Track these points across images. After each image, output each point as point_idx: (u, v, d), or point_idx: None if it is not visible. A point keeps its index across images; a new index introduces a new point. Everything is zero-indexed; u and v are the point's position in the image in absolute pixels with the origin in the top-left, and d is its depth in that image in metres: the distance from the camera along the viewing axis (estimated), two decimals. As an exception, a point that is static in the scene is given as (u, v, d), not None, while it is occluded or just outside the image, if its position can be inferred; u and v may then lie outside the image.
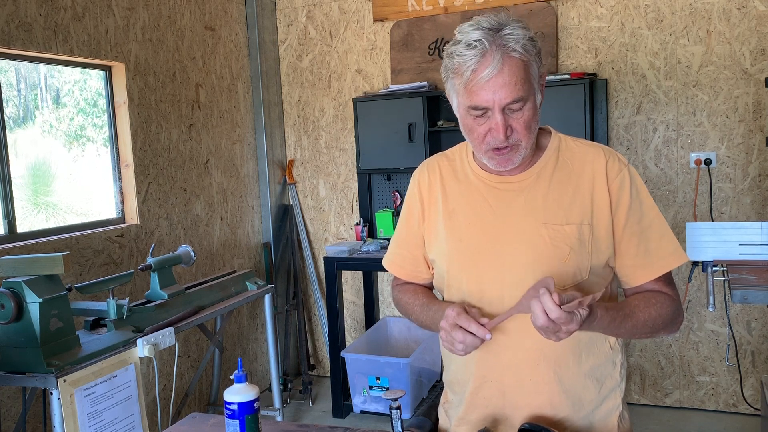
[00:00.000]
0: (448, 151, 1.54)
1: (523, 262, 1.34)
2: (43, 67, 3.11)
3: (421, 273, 1.57)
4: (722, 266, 2.59)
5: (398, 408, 1.36)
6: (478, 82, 1.23)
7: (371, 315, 4.29)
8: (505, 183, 1.39)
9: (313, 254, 4.50)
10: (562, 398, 1.38)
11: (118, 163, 3.32)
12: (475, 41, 1.23)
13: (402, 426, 1.37)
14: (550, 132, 1.44)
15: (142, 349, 2.39)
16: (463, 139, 1.44)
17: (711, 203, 3.58)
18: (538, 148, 1.40)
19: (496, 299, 1.36)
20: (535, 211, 1.35)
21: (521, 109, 1.26)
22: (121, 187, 3.33)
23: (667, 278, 1.40)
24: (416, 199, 1.53)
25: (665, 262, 1.37)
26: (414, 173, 1.57)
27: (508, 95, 1.23)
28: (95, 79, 3.31)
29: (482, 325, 1.26)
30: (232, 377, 1.38)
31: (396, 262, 1.60)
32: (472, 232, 1.40)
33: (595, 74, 3.67)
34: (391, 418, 1.37)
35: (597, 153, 1.38)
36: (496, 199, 1.39)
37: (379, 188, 4.25)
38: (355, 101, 3.97)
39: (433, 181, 1.50)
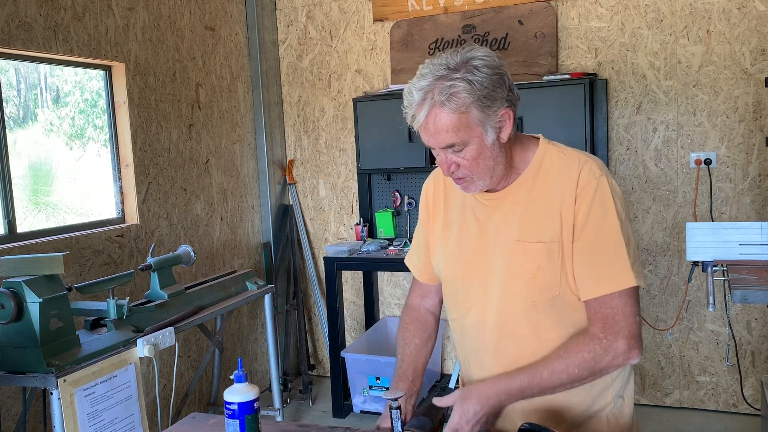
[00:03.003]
0: None
1: (499, 278, 1.39)
2: (43, 67, 3.11)
3: (435, 277, 1.63)
4: (722, 266, 2.59)
5: (398, 408, 1.36)
6: (414, 126, 1.34)
7: (371, 315, 4.29)
8: (488, 199, 1.43)
9: (313, 254, 4.50)
10: (547, 400, 1.39)
11: (118, 163, 3.32)
12: (411, 91, 1.31)
13: (402, 426, 1.37)
14: (538, 144, 1.43)
15: (142, 349, 2.39)
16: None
17: (711, 203, 3.58)
18: (523, 162, 1.41)
19: (481, 312, 1.44)
20: (510, 228, 1.39)
21: (462, 151, 1.32)
22: (121, 187, 3.33)
23: (608, 310, 1.31)
24: (424, 208, 1.61)
25: (607, 284, 1.31)
26: (425, 181, 1.63)
27: (440, 141, 1.32)
28: (95, 79, 3.31)
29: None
30: (232, 377, 1.38)
31: (415, 265, 1.67)
32: (462, 244, 1.46)
33: (595, 74, 3.67)
34: (391, 418, 1.37)
35: (571, 165, 1.36)
36: (481, 213, 1.44)
37: (379, 188, 4.25)
38: (355, 101, 3.97)
39: (437, 192, 1.57)
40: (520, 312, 1.38)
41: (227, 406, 1.36)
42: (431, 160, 3.78)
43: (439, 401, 1.38)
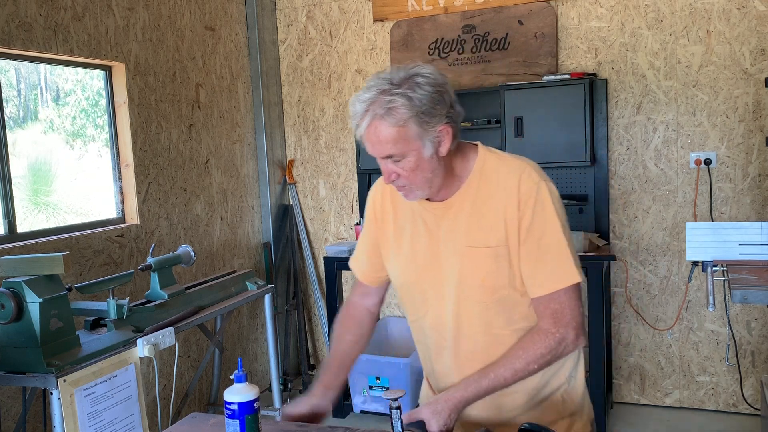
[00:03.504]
0: None
1: (452, 281, 1.48)
2: (43, 67, 3.11)
3: (380, 279, 1.70)
4: (722, 266, 2.59)
5: (398, 408, 1.36)
6: (358, 134, 1.40)
7: (371, 315, 4.28)
8: (434, 208, 1.50)
9: (313, 254, 4.50)
10: (504, 392, 1.47)
11: (119, 163, 3.32)
12: (354, 102, 1.38)
13: (402, 426, 1.37)
14: (477, 152, 1.51)
15: (142, 349, 2.39)
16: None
17: (711, 203, 3.58)
18: (465, 171, 1.49)
19: (438, 314, 1.52)
20: (459, 235, 1.47)
21: (401, 161, 1.39)
22: (121, 187, 3.33)
23: (556, 305, 1.43)
24: (371, 215, 1.66)
25: (554, 282, 1.42)
26: (371, 188, 1.69)
27: (380, 151, 1.39)
28: (96, 79, 3.31)
29: None
30: (232, 377, 1.38)
31: (359, 267, 1.73)
32: (415, 249, 1.53)
33: (595, 74, 3.67)
34: (391, 418, 1.37)
35: (511, 172, 1.44)
36: (430, 220, 1.51)
37: (379, 188, 4.24)
38: (355, 101, 3.96)
39: (384, 199, 1.62)
40: (474, 313, 1.47)
41: (227, 406, 1.36)
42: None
43: (407, 417, 1.42)
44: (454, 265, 1.47)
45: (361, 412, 3.81)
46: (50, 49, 2.86)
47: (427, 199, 1.50)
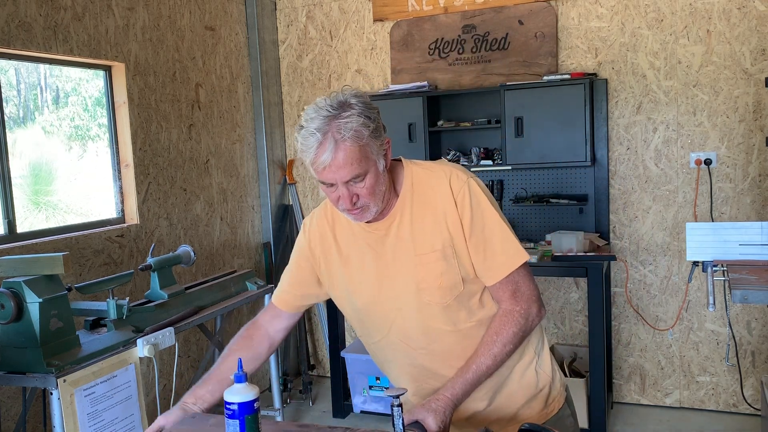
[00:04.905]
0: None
1: (411, 291, 1.54)
2: (43, 67, 3.11)
3: (306, 306, 1.77)
4: (722, 266, 2.59)
5: (399, 405, 1.36)
6: (318, 166, 1.41)
7: (371, 315, 4.28)
8: (375, 229, 1.56)
9: (313, 254, 4.50)
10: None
11: (118, 163, 3.32)
12: (312, 132, 1.38)
13: (403, 424, 1.37)
14: (403, 166, 1.57)
15: (142, 349, 2.38)
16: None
17: (711, 203, 3.58)
18: (398, 184, 1.55)
19: (403, 326, 1.57)
20: (407, 246, 1.53)
21: (363, 180, 1.43)
22: (121, 187, 3.33)
23: (513, 286, 1.52)
24: (306, 248, 1.68)
25: (507, 265, 1.51)
26: (304, 222, 1.71)
27: (345, 175, 1.41)
28: (95, 79, 3.31)
29: None
30: (232, 377, 1.38)
31: (284, 299, 1.74)
32: (365, 274, 1.58)
33: (595, 74, 3.67)
34: (392, 415, 1.36)
35: (440, 177, 1.53)
36: (375, 242, 1.56)
37: (379, 188, 4.24)
38: (355, 101, 3.96)
39: (324, 232, 1.65)
40: (438, 314, 1.53)
41: (227, 406, 1.36)
42: (431, 160, 3.78)
43: (407, 419, 1.42)
44: (409, 275, 1.52)
45: (361, 412, 3.81)
46: (50, 49, 2.86)
47: (366, 222, 1.54)
